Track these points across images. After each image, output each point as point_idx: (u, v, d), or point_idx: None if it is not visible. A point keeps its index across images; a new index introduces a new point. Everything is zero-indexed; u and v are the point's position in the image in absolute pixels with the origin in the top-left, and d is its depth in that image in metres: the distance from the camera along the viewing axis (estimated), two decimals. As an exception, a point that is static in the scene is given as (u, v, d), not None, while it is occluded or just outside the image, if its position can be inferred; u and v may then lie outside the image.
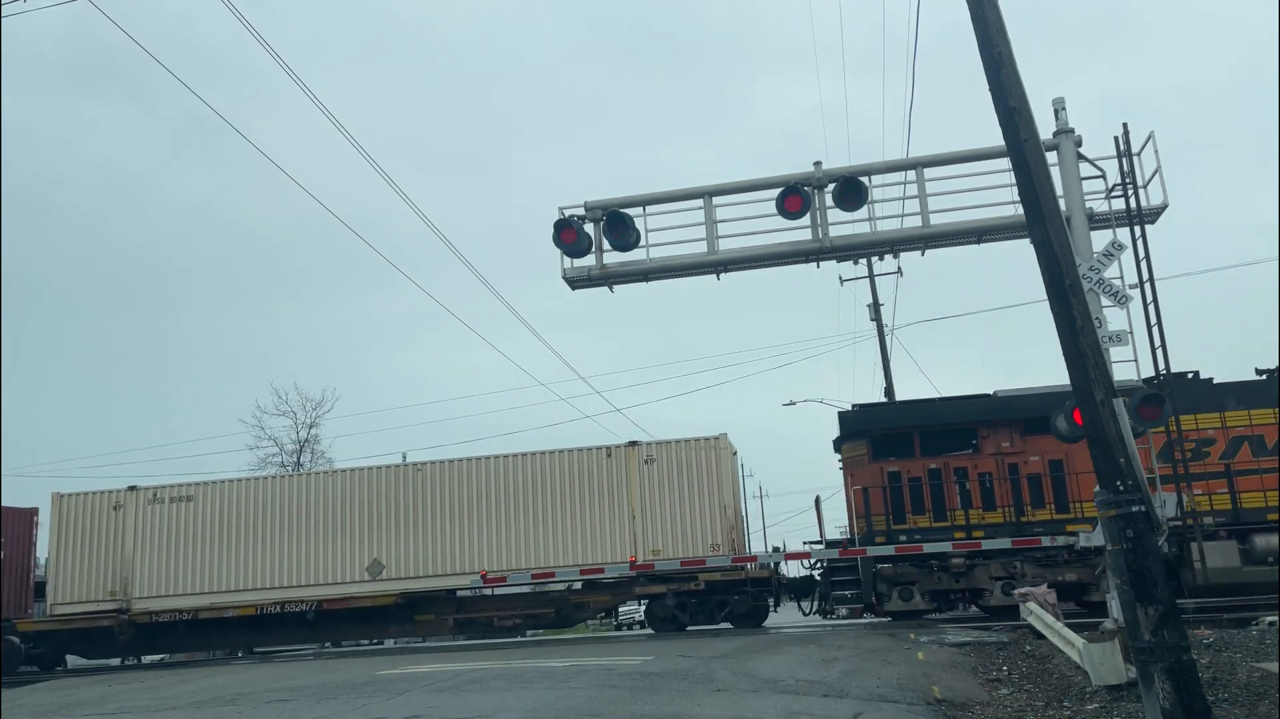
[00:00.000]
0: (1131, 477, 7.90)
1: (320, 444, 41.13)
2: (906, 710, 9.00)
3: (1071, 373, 8.36)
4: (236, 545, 22.16)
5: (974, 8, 8.90)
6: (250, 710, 10.74)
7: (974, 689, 10.43)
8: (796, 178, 15.18)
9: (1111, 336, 12.81)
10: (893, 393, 31.73)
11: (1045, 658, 12.27)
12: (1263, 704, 8.16)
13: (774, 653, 13.40)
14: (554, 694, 9.99)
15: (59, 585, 22.50)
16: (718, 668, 11.65)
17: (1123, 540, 7.71)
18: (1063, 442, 13.88)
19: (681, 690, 9.98)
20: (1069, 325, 8.31)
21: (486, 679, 11.53)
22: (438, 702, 10.01)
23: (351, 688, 11.68)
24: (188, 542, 22.34)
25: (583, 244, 15.60)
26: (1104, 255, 13.13)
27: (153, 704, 12.29)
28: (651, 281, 16.38)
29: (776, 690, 10.00)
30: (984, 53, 8.85)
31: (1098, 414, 8.12)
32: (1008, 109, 8.72)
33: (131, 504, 22.65)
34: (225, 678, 14.86)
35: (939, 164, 15.32)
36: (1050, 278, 8.45)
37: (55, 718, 12.09)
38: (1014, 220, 14.44)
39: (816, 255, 15.59)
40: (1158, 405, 11.99)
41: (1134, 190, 14.74)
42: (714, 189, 15.71)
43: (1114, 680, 9.30)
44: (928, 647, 13.97)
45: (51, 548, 22.76)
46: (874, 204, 15.24)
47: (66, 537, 22.67)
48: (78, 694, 14.57)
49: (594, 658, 13.56)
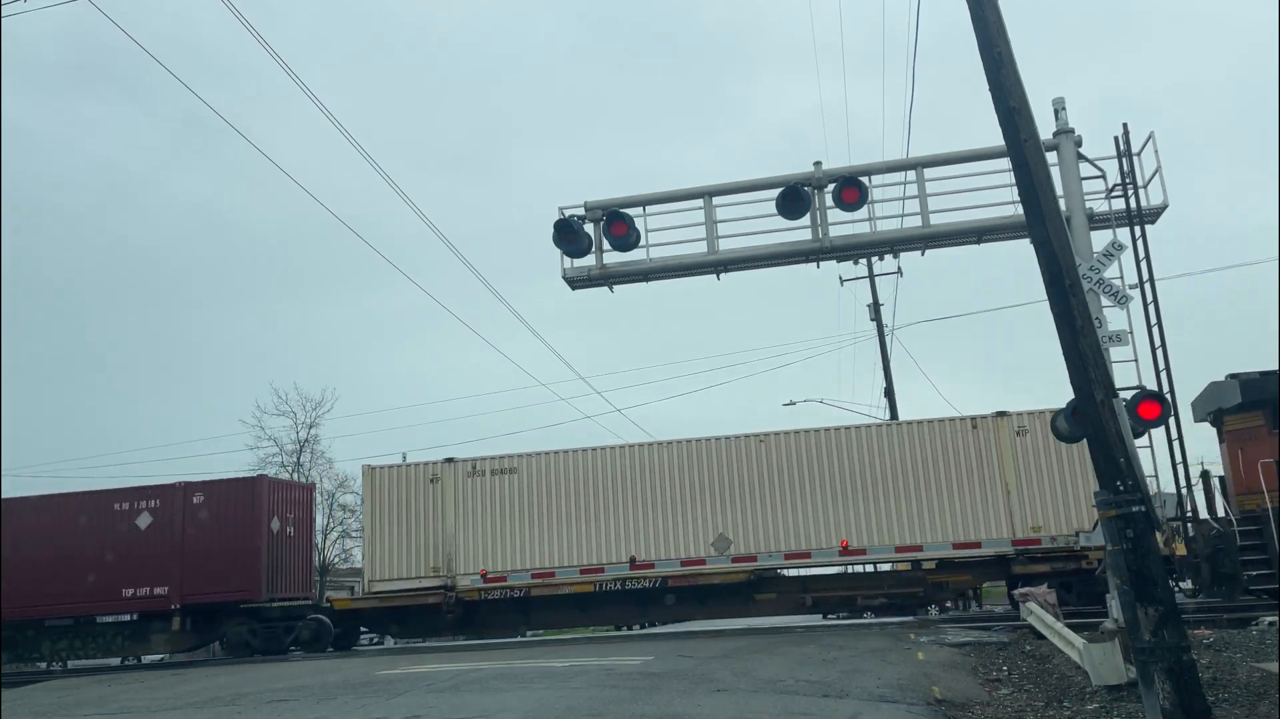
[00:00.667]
0: (1131, 477, 7.90)
1: (320, 444, 41.08)
2: (906, 710, 9.00)
3: (1071, 373, 8.36)
4: (565, 519, 21.04)
5: (974, 8, 8.90)
6: (250, 710, 10.74)
7: (974, 689, 10.42)
8: (796, 178, 15.20)
9: (1111, 337, 12.82)
10: (893, 393, 31.76)
11: (1045, 658, 12.26)
12: (1263, 704, 8.16)
13: (774, 653, 13.40)
14: (554, 694, 9.99)
15: (376, 562, 21.46)
16: (718, 668, 11.65)
17: (1123, 540, 7.71)
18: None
19: (682, 690, 9.98)
20: (1069, 325, 8.31)
21: (486, 679, 11.53)
22: (438, 702, 10.01)
23: (351, 688, 11.67)
24: (512, 515, 21.23)
25: (583, 244, 15.62)
26: (1104, 255, 13.15)
27: (153, 704, 12.29)
28: (651, 281, 16.41)
29: (776, 690, 9.99)
30: (984, 53, 8.85)
31: (1098, 414, 8.12)
32: (1008, 109, 8.72)
33: (449, 476, 21.59)
34: (225, 678, 14.86)
35: (939, 164, 15.34)
36: (1050, 278, 8.45)
37: (55, 718, 12.09)
38: (1014, 220, 14.45)
39: (816, 255, 15.61)
40: (1158, 405, 11.99)
41: (1134, 190, 14.74)
42: (714, 189, 15.73)
43: (1114, 680, 9.30)
44: (927, 647, 13.97)
45: (366, 523, 21.91)
46: (874, 204, 15.27)
47: (381, 511, 21.63)
48: (78, 694, 14.58)
49: (594, 658, 13.56)
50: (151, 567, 21.57)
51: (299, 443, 39.99)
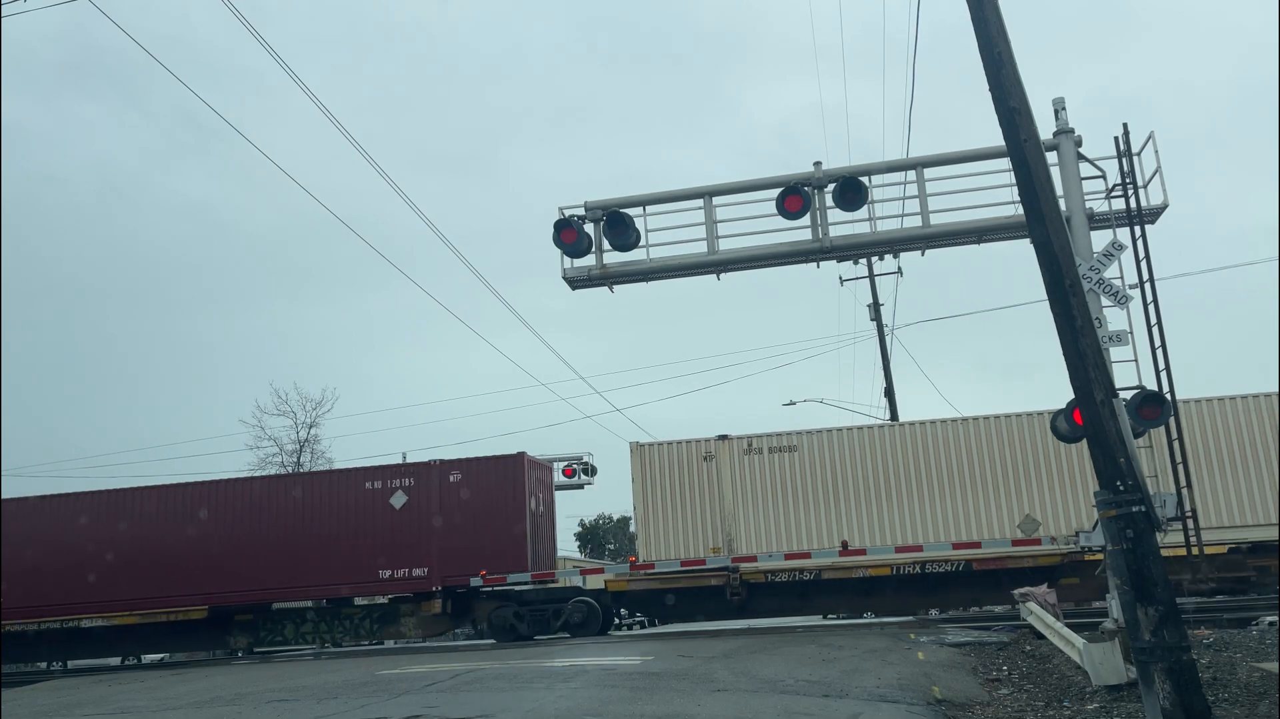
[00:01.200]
0: (1131, 477, 7.90)
1: (320, 444, 41.09)
2: (906, 710, 9.00)
3: (1071, 373, 8.36)
4: (850, 499, 20.15)
5: (974, 8, 8.90)
6: (250, 711, 10.74)
7: (974, 689, 10.43)
8: (796, 178, 15.19)
9: (1111, 337, 12.80)
10: (893, 393, 31.75)
11: (1045, 658, 12.27)
12: (1263, 704, 8.16)
13: (774, 653, 13.40)
14: (554, 694, 9.99)
15: (650, 541, 20.70)
16: (717, 668, 11.65)
17: (1123, 540, 7.71)
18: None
19: (682, 690, 9.98)
20: (1069, 325, 8.31)
21: (486, 679, 11.53)
22: (438, 702, 10.01)
23: (351, 688, 11.68)
24: (791, 495, 20.44)
25: (583, 244, 15.61)
26: (1104, 255, 13.13)
27: (153, 704, 12.29)
28: (651, 281, 16.40)
29: (776, 690, 9.99)
30: (984, 53, 8.85)
31: (1098, 414, 8.12)
32: (1008, 109, 8.72)
33: (724, 454, 20.80)
34: (225, 678, 14.86)
35: (939, 164, 15.33)
36: (1050, 278, 8.45)
37: (55, 718, 12.09)
38: (1014, 220, 14.44)
39: (816, 255, 15.60)
40: (1157, 405, 11.99)
41: (1134, 190, 14.72)
42: (714, 189, 15.72)
43: (1114, 680, 9.30)
44: (928, 647, 13.97)
45: (638, 502, 20.99)
46: (874, 204, 15.25)
47: (651, 490, 20.93)
48: (78, 694, 14.57)
49: (594, 658, 13.55)
50: (408, 547, 20.97)
51: (299, 443, 40.03)
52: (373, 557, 21.01)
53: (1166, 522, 11.16)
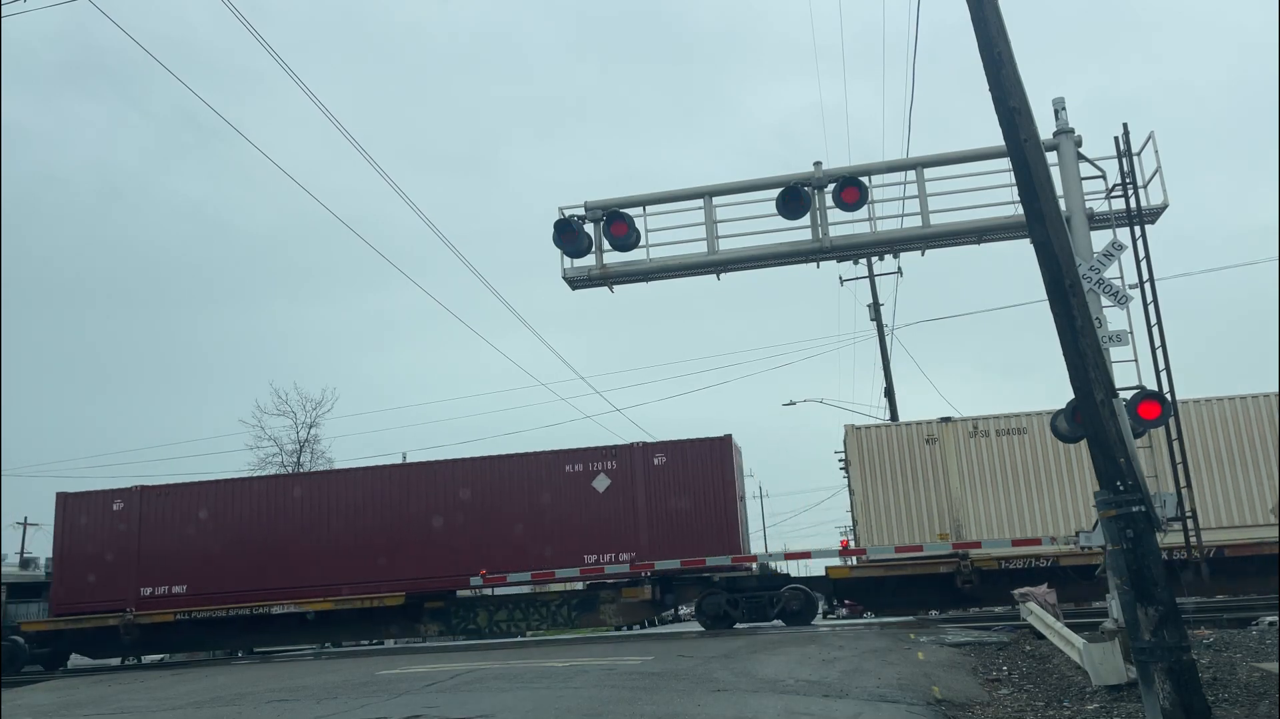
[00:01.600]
0: (1131, 477, 7.90)
1: (320, 444, 41.11)
2: (907, 710, 9.00)
3: (1071, 373, 8.36)
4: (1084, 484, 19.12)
5: (974, 8, 8.90)
6: (250, 711, 10.73)
7: (974, 689, 10.43)
8: (796, 178, 15.18)
9: (1111, 337, 12.80)
10: (893, 393, 31.76)
11: (1045, 658, 12.27)
12: (1263, 704, 8.16)
13: (774, 653, 13.40)
14: (554, 694, 9.99)
15: (871, 527, 19.97)
16: (717, 668, 11.65)
17: (1123, 540, 7.71)
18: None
19: (682, 690, 9.98)
20: (1069, 325, 8.31)
21: (486, 679, 11.53)
22: (438, 702, 10.01)
23: (351, 688, 11.68)
24: (1018, 479, 19.77)
25: (583, 244, 15.60)
26: (1104, 255, 13.12)
27: (152, 704, 12.29)
28: (651, 282, 16.38)
29: (776, 690, 9.99)
30: (984, 53, 8.84)
31: (1098, 414, 8.12)
32: (1008, 109, 8.72)
33: (948, 436, 20.19)
34: (225, 678, 14.86)
35: (939, 164, 15.32)
36: (1050, 278, 8.45)
37: (55, 718, 12.09)
38: (1014, 220, 14.44)
39: (816, 255, 15.59)
40: (1157, 405, 11.98)
41: (1134, 190, 14.72)
42: (714, 189, 15.71)
43: (1114, 680, 9.30)
44: (928, 647, 13.97)
45: (856, 485, 20.33)
46: (874, 204, 15.24)
47: (870, 473, 20.26)
48: (78, 694, 14.57)
49: (594, 658, 13.55)
50: (613, 532, 20.45)
51: (299, 443, 40.05)
52: (578, 541, 20.47)
53: (1166, 522, 11.15)
